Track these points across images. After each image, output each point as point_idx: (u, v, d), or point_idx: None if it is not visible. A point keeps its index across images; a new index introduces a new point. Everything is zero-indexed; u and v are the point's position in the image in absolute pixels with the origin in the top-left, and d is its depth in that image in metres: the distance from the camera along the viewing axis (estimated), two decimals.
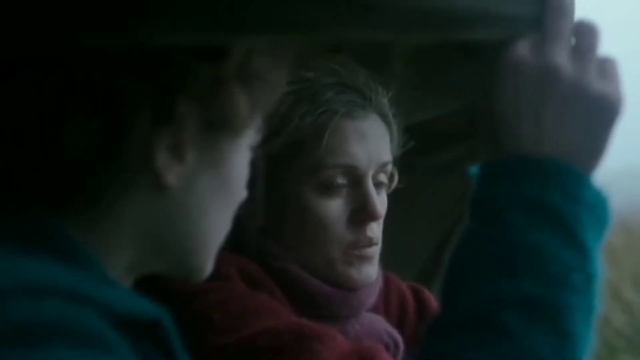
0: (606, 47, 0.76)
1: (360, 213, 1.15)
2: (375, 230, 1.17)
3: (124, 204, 0.69)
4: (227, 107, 0.69)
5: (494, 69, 0.75)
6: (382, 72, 1.20)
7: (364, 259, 1.16)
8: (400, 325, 1.26)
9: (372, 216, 1.15)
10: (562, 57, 0.74)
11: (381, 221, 1.19)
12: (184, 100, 0.67)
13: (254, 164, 0.77)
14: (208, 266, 0.77)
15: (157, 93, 0.66)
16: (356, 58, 1.18)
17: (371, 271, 1.18)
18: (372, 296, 1.21)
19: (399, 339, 1.20)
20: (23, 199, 0.68)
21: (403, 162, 1.24)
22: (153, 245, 0.72)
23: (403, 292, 1.31)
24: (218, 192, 0.73)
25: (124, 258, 0.71)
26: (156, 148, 0.67)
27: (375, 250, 1.18)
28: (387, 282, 1.27)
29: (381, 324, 1.21)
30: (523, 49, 0.74)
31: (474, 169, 0.78)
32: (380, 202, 1.18)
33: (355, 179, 1.16)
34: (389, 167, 1.20)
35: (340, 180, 1.15)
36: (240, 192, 0.76)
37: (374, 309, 1.24)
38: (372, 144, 1.17)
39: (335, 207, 1.15)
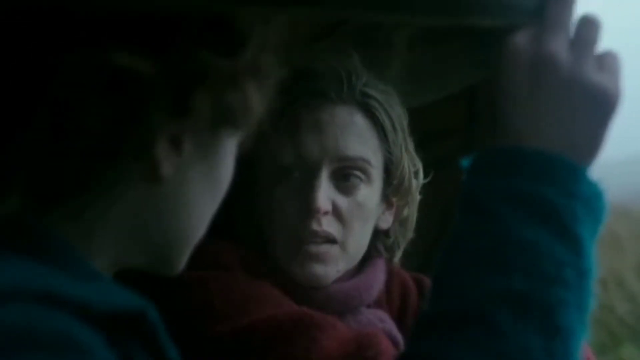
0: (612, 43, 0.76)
1: (305, 205, 1.11)
2: (326, 226, 1.11)
3: (113, 194, 0.68)
4: (238, 103, 0.68)
5: (495, 58, 0.75)
6: (380, 57, 1.16)
7: (308, 255, 1.11)
8: (401, 317, 1.25)
9: (310, 209, 1.10)
10: (559, 47, 0.73)
11: (344, 219, 1.13)
12: (200, 93, 0.66)
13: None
14: (183, 262, 0.76)
15: (176, 84, 0.65)
16: (355, 43, 1.15)
17: (318, 270, 1.12)
18: (353, 293, 1.16)
19: (399, 337, 1.18)
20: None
21: None
22: (138, 238, 0.70)
23: (406, 283, 1.29)
24: (206, 186, 0.72)
25: (108, 252, 0.70)
26: (159, 138, 0.66)
27: (325, 249, 1.12)
28: (390, 274, 1.26)
29: (381, 323, 1.18)
30: (522, 38, 0.74)
31: (465, 162, 0.76)
32: (350, 200, 1.13)
33: (307, 170, 1.12)
34: (366, 163, 1.14)
35: (295, 171, 1.13)
36: (225, 188, 0.75)
37: (378, 304, 1.22)
38: (330, 135, 1.12)
39: (284, 196, 1.13)
